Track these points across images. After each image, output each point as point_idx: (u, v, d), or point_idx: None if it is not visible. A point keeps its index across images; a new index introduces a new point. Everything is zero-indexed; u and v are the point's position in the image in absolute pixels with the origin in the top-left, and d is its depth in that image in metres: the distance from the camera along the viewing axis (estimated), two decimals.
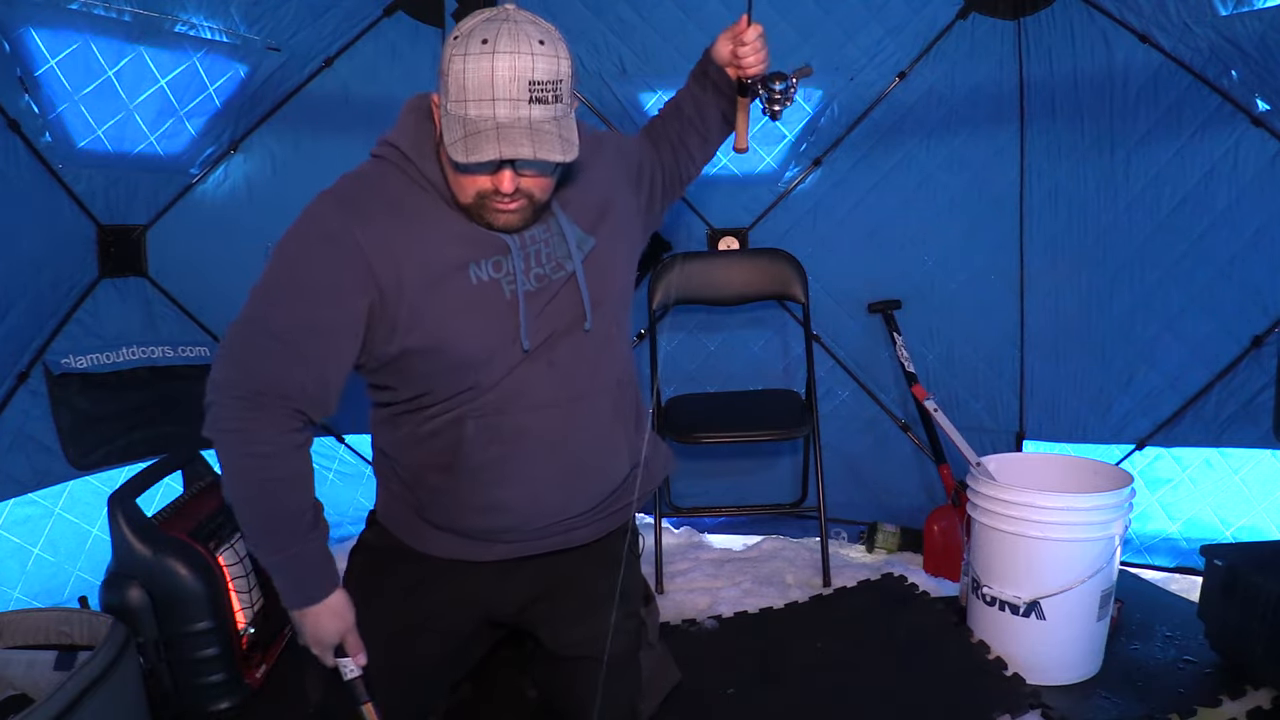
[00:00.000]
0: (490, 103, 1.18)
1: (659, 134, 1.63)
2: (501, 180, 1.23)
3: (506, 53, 1.17)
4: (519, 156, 1.18)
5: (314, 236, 1.29)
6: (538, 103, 1.19)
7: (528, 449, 1.38)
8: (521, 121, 1.19)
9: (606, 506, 1.53)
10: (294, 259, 1.29)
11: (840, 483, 2.85)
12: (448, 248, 1.30)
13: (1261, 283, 2.41)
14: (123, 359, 2.36)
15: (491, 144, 1.17)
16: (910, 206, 2.81)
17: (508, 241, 1.31)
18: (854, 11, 2.68)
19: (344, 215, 1.28)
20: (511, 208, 1.27)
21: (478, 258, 1.31)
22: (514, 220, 1.29)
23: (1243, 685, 1.89)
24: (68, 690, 1.39)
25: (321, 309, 1.28)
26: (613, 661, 1.56)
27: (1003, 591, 2.01)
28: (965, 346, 2.84)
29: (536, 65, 1.18)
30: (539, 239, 1.35)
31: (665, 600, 2.51)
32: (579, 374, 1.39)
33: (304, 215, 1.30)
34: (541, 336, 1.35)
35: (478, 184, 1.25)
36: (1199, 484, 2.58)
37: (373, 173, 1.34)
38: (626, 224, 1.48)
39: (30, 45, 2.07)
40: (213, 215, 2.56)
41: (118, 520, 1.85)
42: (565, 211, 1.38)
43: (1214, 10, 2.25)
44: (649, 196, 1.58)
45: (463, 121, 1.19)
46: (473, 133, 1.18)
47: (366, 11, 2.63)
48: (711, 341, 3.04)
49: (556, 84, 1.20)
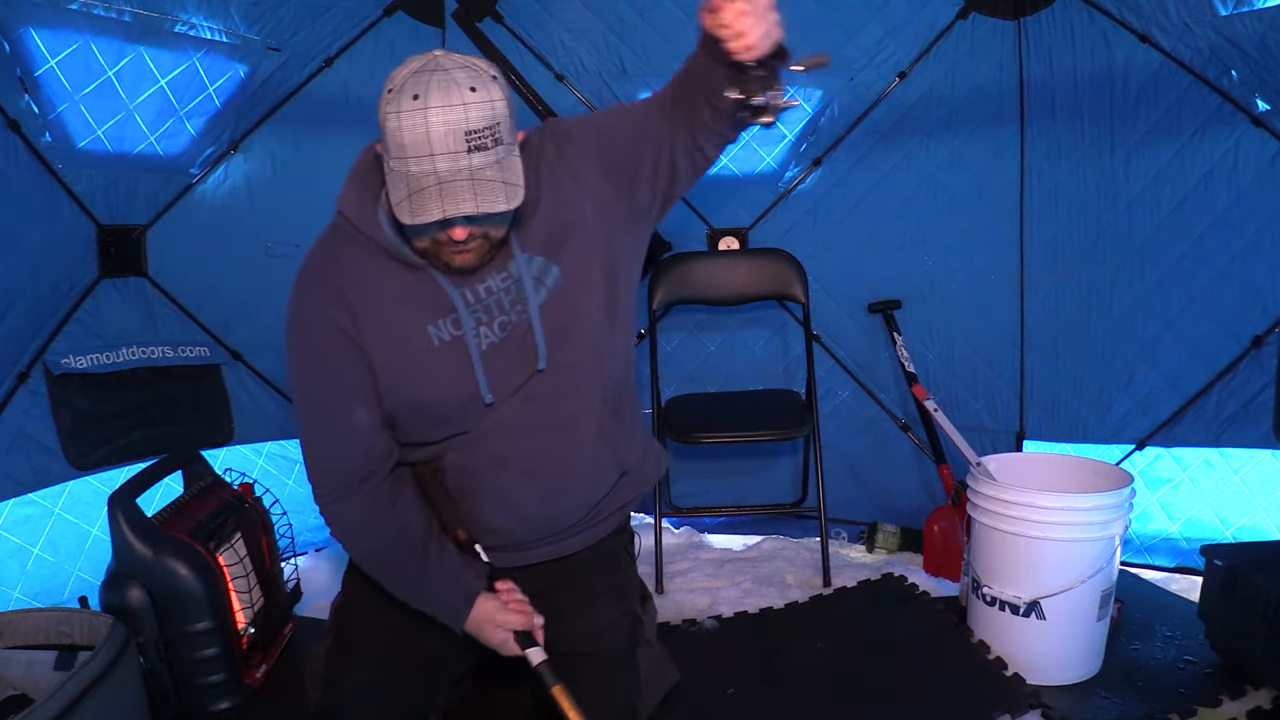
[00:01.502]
0: (430, 158, 1.19)
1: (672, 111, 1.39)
2: (453, 232, 1.26)
3: (439, 107, 1.17)
4: (461, 214, 1.19)
5: (302, 324, 1.38)
6: (477, 150, 1.19)
7: (507, 476, 1.43)
8: (462, 173, 1.19)
9: (595, 516, 1.56)
10: (297, 348, 1.40)
11: (840, 483, 2.85)
12: (406, 314, 1.36)
13: (1261, 283, 2.41)
14: (123, 359, 2.35)
15: (435, 202, 1.18)
16: (910, 206, 2.81)
17: (454, 302, 1.35)
18: (854, 11, 2.68)
19: (316, 298, 1.37)
20: (468, 249, 1.30)
21: (435, 319, 1.36)
22: (470, 260, 1.32)
23: (1243, 685, 1.89)
24: (68, 690, 1.39)
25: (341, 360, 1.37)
26: (610, 658, 1.56)
27: (1003, 591, 2.01)
28: (965, 346, 2.84)
29: (470, 115, 1.18)
30: (496, 289, 1.37)
31: (665, 600, 2.51)
32: (557, 405, 1.41)
33: (290, 307, 1.39)
34: (514, 382, 1.39)
35: (432, 234, 1.28)
36: (1199, 484, 2.58)
37: (330, 245, 1.40)
38: (605, 229, 1.41)
39: (30, 45, 2.07)
40: (213, 215, 2.56)
41: (118, 520, 1.85)
42: (525, 243, 1.37)
43: (1214, 10, 2.25)
44: (653, 183, 1.43)
45: (405, 179, 1.21)
46: (415, 190, 1.19)
47: (366, 11, 2.64)
48: (711, 341, 3.04)
49: (494, 128, 1.20)
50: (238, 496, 2.17)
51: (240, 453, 2.66)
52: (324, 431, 1.41)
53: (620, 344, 1.49)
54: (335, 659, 1.55)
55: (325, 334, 1.36)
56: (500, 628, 1.39)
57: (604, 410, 1.46)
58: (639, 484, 1.63)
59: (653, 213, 1.48)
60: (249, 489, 2.23)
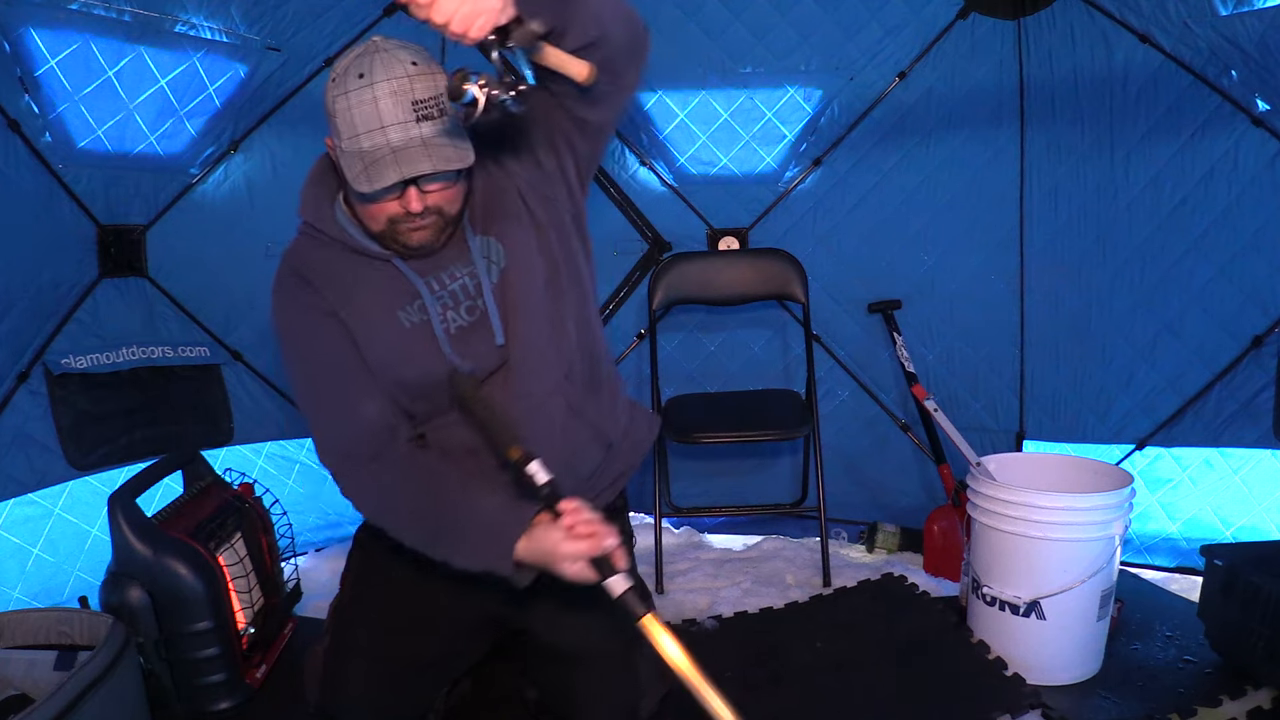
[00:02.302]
0: (381, 131, 1.22)
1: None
2: (409, 201, 1.29)
3: (384, 80, 1.21)
4: (419, 173, 1.22)
5: (287, 322, 1.42)
6: (425, 120, 1.23)
7: (483, 460, 1.43)
8: (415, 140, 1.23)
9: (589, 489, 1.55)
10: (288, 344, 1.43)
11: (840, 483, 2.85)
12: (374, 301, 1.39)
13: (1261, 283, 2.41)
14: (123, 359, 2.35)
15: (391, 167, 1.21)
16: (910, 206, 2.81)
17: (418, 288, 1.38)
18: (854, 11, 2.68)
19: (295, 297, 1.40)
20: (424, 224, 1.33)
21: (402, 304, 1.40)
22: (427, 236, 1.35)
23: (1243, 685, 1.89)
24: (68, 690, 1.39)
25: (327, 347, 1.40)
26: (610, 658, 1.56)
27: (1003, 591, 2.01)
28: (965, 346, 2.84)
29: (415, 85, 1.23)
30: (460, 276, 1.41)
31: (665, 600, 2.51)
32: (521, 385, 1.43)
33: (273, 313, 1.43)
34: (488, 363, 1.41)
35: (386, 210, 1.31)
36: (1199, 484, 2.58)
37: (295, 252, 1.45)
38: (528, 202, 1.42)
39: (30, 45, 2.07)
40: (213, 215, 2.56)
41: (118, 520, 1.85)
42: (475, 226, 1.41)
43: (1214, 10, 2.25)
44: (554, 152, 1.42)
45: (360, 155, 1.24)
46: (371, 162, 1.22)
47: (366, 11, 2.63)
48: (711, 341, 3.04)
49: (438, 98, 1.24)
50: (238, 496, 2.17)
51: (240, 453, 2.66)
52: (328, 414, 1.43)
53: (572, 314, 1.47)
54: (334, 659, 1.56)
55: (312, 323, 1.39)
56: (569, 559, 1.24)
57: (570, 386, 1.46)
58: (630, 453, 1.63)
59: (568, 174, 1.45)
60: (249, 489, 2.23)
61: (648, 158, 2.92)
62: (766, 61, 2.77)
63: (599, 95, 1.31)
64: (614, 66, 1.25)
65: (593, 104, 1.34)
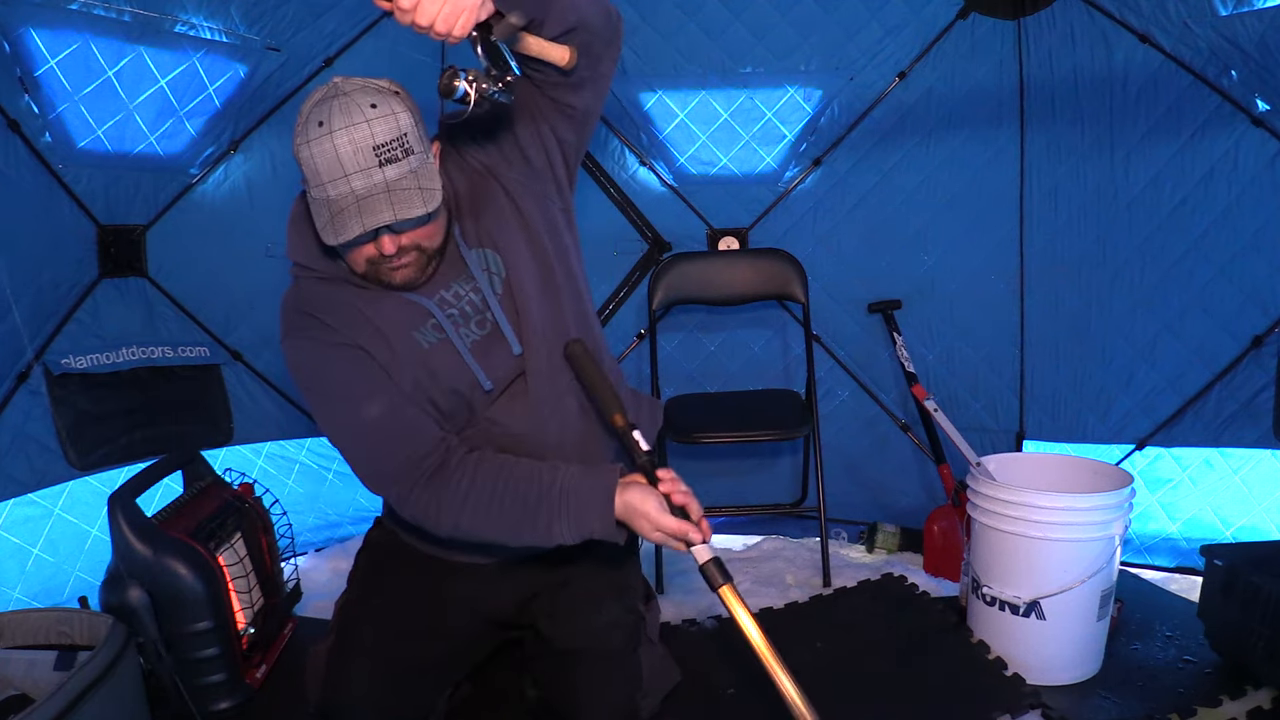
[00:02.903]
0: (344, 179, 1.22)
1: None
2: (382, 246, 1.29)
3: (342, 129, 1.21)
4: (380, 224, 1.22)
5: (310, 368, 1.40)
6: (389, 164, 1.23)
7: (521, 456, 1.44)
8: (378, 187, 1.22)
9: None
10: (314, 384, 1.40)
11: (840, 483, 2.85)
12: (389, 327, 1.39)
13: (1261, 283, 2.41)
14: (123, 359, 2.35)
15: (354, 219, 1.21)
16: (910, 206, 2.81)
17: (430, 310, 1.38)
18: (854, 11, 2.68)
19: (309, 327, 1.39)
20: (403, 263, 1.33)
21: (417, 326, 1.40)
22: (410, 274, 1.35)
23: (1243, 685, 1.89)
24: (68, 690, 1.39)
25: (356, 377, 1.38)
26: (612, 656, 1.56)
27: (1003, 591, 2.01)
28: (965, 346, 2.84)
29: (375, 130, 1.22)
30: (463, 295, 1.42)
31: (665, 600, 2.51)
32: (538, 392, 1.44)
33: (287, 351, 1.40)
34: (506, 373, 1.43)
35: (364, 253, 1.32)
36: (1199, 484, 2.58)
37: (297, 295, 1.44)
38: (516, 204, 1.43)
39: (30, 45, 2.07)
40: (213, 215, 2.56)
41: (118, 520, 1.85)
42: (469, 240, 1.41)
43: (1214, 10, 2.25)
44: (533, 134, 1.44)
45: (326, 204, 1.24)
46: (337, 212, 1.23)
47: (366, 11, 2.63)
48: (711, 341, 3.04)
49: (401, 139, 1.23)
50: (238, 496, 2.17)
51: (240, 453, 2.66)
52: (379, 442, 1.39)
53: (570, 312, 1.49)
54: (338, 658, 1.56)
55: (337, 356, 1.38)
56: (648, 508, 1.33)
57: (577, 384, 1.48)
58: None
59: (556, 168, 1.47)
60: (249, 489, 2.23)
61: (648, 158, 2.92)
62: (766, 61, 2.77)
63: (581, 80, 1.38)
64: (592, 50, 1.32)
65: (576, 89, 1.40)
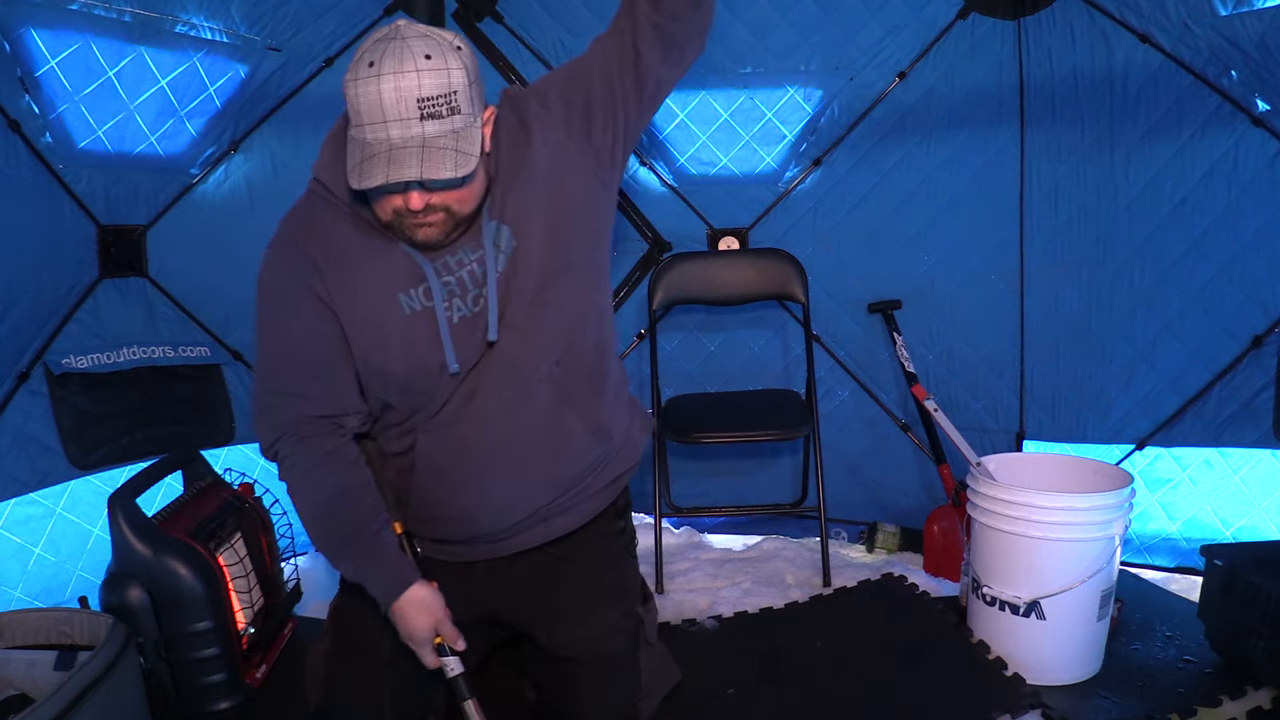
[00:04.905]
0: (383, 125, 1.19)
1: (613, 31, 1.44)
2: (410, 200, 1.25)
3: (391, 74, 1.17)
4: (405, 179, 1.18)
5: (270, 296, 1.40)
6: (430, 119, 1.19)
7: (474, 458, 1.42)
8: (414, 140, 1.19)
9: (586, 488, 1.53)
10: (264, 308, 1.41)
11: (840, 483, 2.85)
12: (377, 280, 1.36)
13: (1261, 283, 2.41)
14: (123, 359, 2.35)
15: (381, 168, 1.18)
16: (910, 206, 2.81)
17: (425, 272, 1.34)
18: (854, 11, 2.68)
19: (288, 265, 1.38)
20: (429, 221, 1.29)
21: (407, 288, 1.36)
22: (433, 234, 1.31)
23: (1243, 685, 1.89)
24: (68, 690, 1.39)
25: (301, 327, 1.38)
26: (612, 660, 1.56)
27: (1003, 591, 2.01)
28: (965, 346, 2.84)
29: (424, 82, 1.18)
30: (468, 261, 1.37)
31: (665, 600, 2.51)
32: (513, 373, 1.40)
33: (262, 269, 1.40)
34: (477, 355, 1.38)
35: (392, 203, 1.28)
36: (1199, 484, 2.58)
37: (303, 211, 1.42)
38: (559, 183, 1.40)
39: (31, 45, 2.07)
40: (213, 215, 2.56)
41: (118, 520, 1.85)
42: (494, 212, 1.37)
43: (1214, 10, 2.25)
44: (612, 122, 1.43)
45: (361, 146, 1.21)
46: (367, 156, 1.20)
47: (366, 11, 2.63)
48: (711, 341, 3.04)
49: (449, 96, 1.19)
50: (238, 496, 2.17)
51: (241, 452, 2.66)
52: (277, 385, 1.41)
53: (576, 303, 1.44)
54: (335, 659, 1.55)
55: (293, 296, 1.37)
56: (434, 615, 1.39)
57: (560, 373, 1.42)
58: (631, 454, 1.61)
59: (616, 152, 1.45)
60: (249, 489, 2.23)
61: (648, 158, 2.92)
62: (766, 61, 2.77)
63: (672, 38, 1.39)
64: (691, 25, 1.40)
65: (665, 51, 1.40)
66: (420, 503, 1.47)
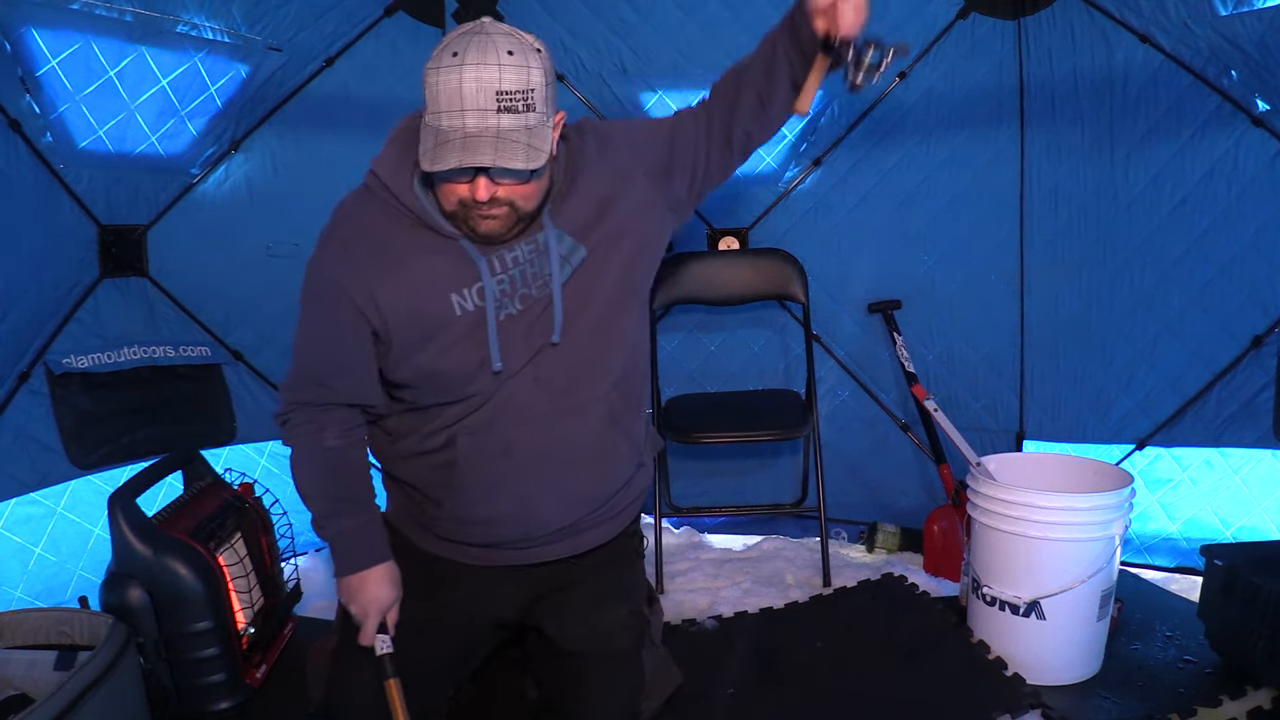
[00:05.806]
0: (460, 114, 1.21)
1: (714, 99, 1.55)
2: (477, 189, 1.27)
3: (474, 64, 1.20)
4: (478, 164, 1.21)
5: (313, 293, 1.43)
6: (506, 112, 1.21)
7: (517, 462, 1.43)
8: (489, 131, 1.21)
9: (614, 506, 1.55)
10: (306, 298, 1.44)
11: (840, 483, 2.85)
12: (429, 280, 1.37)
13: (1261, 283, 2.41)
14: (124, 359, 2.35)
15: (455, 153, 1.20)
16: (910, 206, 2.81)
17: (480, 270, 1.36)
18: None
19: (332, 266, 1.39)
20: (493, 213, 1.30)
21: (460, 287, 1.37)
22: (496, 227, 1.33)
23: (1243, 685, 1.89)
24: (68, 690, 1.40)
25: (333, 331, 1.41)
26: (617, 658, 1.56)
27: (1003, 591, 2.01)
28: (965, 346, 2.84)
29: (504, 76, 1.20)
30: (523, 259, 1.38)
31: (666, 600, 2.51)
32: (568, 387, 1.42)
33: (308, 265, 1.43)
34: (525, 356, 1.39)
35: (458, 192, 1.29)
36: (1199, 484, 2.58)
37: (358, 206, 1.42)
38: (637, 218, 1.45)
39: (31, 45, 2.07)
40: (214, 215, 2.56)
41: (118, 520, 1.85)
42: (558, 220, 1.39)
43: (1214, 10, 2.25)
44: (690, 176, 1.51)
45: (435, 132, 1.23)
46: (441, 142, 1.22)
47: (367, 11, 2.64)
48: (711, 341, 3.04)
49: (527, 93, 1.22)
50: (238, 496, 2.17)
51: (241, 452, 2.67)
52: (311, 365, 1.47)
53: (635, 331, 1.51)
54: (342, 658, 1.55)
55: (334, 300, 1.39)
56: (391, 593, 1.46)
57: (615, 395, 1.46)
58: (648, 474, 1.65)
59: (688, 204, 1.53)
60: (249, 489, 2.23)
61: None
62: None
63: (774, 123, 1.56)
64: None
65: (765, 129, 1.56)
66: (455, 503, 1.47)
